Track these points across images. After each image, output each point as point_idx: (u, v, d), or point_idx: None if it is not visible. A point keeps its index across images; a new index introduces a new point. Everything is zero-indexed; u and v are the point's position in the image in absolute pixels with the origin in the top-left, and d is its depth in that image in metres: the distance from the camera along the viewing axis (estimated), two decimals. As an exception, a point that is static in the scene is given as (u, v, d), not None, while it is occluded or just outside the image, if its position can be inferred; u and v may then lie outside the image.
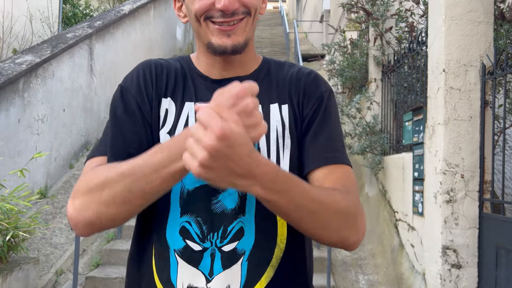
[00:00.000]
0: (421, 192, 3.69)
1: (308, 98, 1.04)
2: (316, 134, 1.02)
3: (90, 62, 7.16)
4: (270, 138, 1.00)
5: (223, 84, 0.91)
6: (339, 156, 1.02)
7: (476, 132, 3.29)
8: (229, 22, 0.96)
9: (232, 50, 0.97)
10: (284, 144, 1.01)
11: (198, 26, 0.98)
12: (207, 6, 0.95)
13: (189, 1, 0.99)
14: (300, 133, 1.03)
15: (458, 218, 3.24)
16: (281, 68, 1.09)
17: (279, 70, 1.09)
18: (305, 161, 1.01)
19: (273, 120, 1.02)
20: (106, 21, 7.81)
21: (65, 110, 6.31)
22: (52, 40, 6.55)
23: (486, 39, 3.39)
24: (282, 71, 1.08)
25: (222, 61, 1.02)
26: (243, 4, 0.96)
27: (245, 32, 0.99)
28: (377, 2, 5.44)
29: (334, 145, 1.02)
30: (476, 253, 3.21)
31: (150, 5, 10.31)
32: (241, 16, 0.97)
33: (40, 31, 9.58)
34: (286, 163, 0.99)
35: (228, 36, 0.96)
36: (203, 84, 1.05)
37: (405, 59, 4.61)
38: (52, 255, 4.63)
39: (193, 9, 0.97)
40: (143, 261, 1.03)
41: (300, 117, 1.04)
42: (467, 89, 3.34)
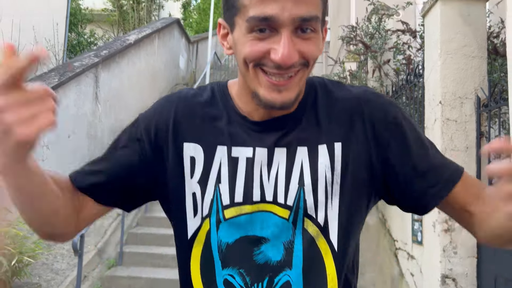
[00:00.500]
0: (420, 221, 3.75)
1: (378, 127, 0.89)
2: (420, 160, 0.89)
3: (95, 90, 7.32)
4: (318, 187, 0.87)
5: (264, 127, 0.87)
6: (455, 167, 0.92)
7: (472, 162, 3.37)
8: (283, 75, 0.81)
9: (280, 106, 0.83)
10: (333, 192, 0.88)
11: (245, 70, 0.84)
12: (260, 54, 0.81)
13: (238, 37, 0.83)
14: (378, 171, 0.89)
15: (457, 247, 3.29)
16: (330, 94, 0.92)
17: (328, 97, 0.91)
18: (425, 196, 0.90)
19: (321, 165, 0.88)
20: (112, 50, 8.01)
21: (70, 136, 6.42)
22: (59, 68, 6.72)
23: (480, 73, 3.52)
24: (331, 98, 0.91)
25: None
26: (303, 55, 0.80)
27: (299, 87, 0.84)
28: (375, 36, 5.62)
29: (444, 161, 0.92)
30: (475, 282, 3.24)
31: (155, 35, 10.56)
32: (297, 68, 0.82)
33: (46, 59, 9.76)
34: (335, 213, 0.88)
35: (279, 92, 0.82)
36: (241, 125, 0.90)
37: (402, 90, 4.73)
38: (53, 281, 4.65)
39: (243, 52, 0.83)
40: None
41: (372, 152, 0.89)
42: (463, 121, 3.44)
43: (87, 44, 11.78)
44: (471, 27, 3.56)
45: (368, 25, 5.80)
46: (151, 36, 10.20)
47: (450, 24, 3.53)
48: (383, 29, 5.64)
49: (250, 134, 0.88)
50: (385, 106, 0.90)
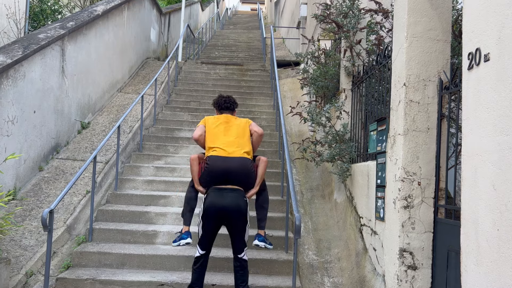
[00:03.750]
0: (383, 198, 4.09)
1: None
2: None
3: (62, 63, 7.38)
4: None
5: None
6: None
7: (432, 143, 3.70)
8: None
9: None
10: None
11: None
12: None
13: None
14: None
15: (415, 223, 3.64)
16: None
17: None
18: None
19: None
20: (78, 21, 8.04)
21: (36, 111, 6.52)
22: (23, 40, 6.75)
23: (443, 56, 3.81)
24: None
25: None
26: None
27: None
28: (349, 14, 5.86)
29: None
30: (430, 255, 3.61)
31: (124, 6, 10.55)
32: None
33: (6, 28, 9.66)
34: None
35: None
36: None
37: (372, 71, 5.02)
38: (22, 257, 4.85)
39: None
40: None
41: None
42: (426, 103, 3.75)
43: (51, 12, 11.58)
44: (437, 11, 3.84)
45: (342, 3, 6.03)
46: (120, 6, 10.20)
47: (417, 7, 3.79)
48: (357, 8, 5.88)
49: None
50: None
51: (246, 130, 4.52)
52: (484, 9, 2.59)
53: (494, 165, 2.44)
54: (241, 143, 4.39)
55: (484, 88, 2.56)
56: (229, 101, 4.70)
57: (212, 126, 4.49)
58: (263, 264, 5.11)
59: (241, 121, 4.59)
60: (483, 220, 2.51)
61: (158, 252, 5.21)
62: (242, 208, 4.18)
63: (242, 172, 4.25)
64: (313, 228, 5.93)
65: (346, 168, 5.34)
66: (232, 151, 4.30)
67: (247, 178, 4.31)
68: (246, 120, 4.64)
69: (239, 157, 4.29)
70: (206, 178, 4.30)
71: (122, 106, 9.22)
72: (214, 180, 4.26)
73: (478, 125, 2.61)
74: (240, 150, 4.33)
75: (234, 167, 4.22)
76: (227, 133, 4.44)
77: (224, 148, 4.30)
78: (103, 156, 7.18)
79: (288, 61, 12.49)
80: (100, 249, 5.19)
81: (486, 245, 2.48)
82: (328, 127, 5.69)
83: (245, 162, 4.28)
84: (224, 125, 4.50)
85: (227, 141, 4.36)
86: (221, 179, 4.24)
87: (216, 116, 4.64)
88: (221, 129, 4.46)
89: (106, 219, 5.96)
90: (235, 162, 4.24)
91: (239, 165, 4.25)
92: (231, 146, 4.33)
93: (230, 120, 4.57)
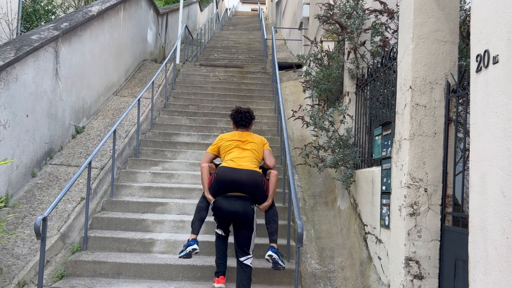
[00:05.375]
0: (388, 205, 4.09)
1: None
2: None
3: (55, 66, 7.41)
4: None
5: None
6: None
7: (439, 148, 3.71)
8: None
9: None
10: None
11: None
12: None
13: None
14: None
15: (421, 231, 3.64)
16: None
17: None
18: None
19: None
20: (73, 22, 8.07)
21: (29, 115, 6.54)
22: (15, 41, 6.77)
23: (451, 58, 3.83)
24: None
25: None
26: None
27: None
28: (353, 15, 5.88)
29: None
30: (437, 265, 3.61)
31: (120, 6, 10.59)
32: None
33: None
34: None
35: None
36: None
37: (377, 73, 5.03)
38: (14, 266, 4.85)
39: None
40: None
41: None
42: (432, 106, 3.76)
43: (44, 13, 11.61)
44: (444, 11, 3.85)
45: (345, 3, 6.05)
46: (116, 7, 10.24)
47: (424, 8, 3.80)
48: (361, 8, 5.91)
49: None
50: None
51: (259, 153, 4.92)
52: (493, 9, 2.61)
53: (503, 170, 2.45)
54: (253, 159, 4.78)
55: (493, 91, 2.58)
56: (245, 118, 5.06)
57: (227, 143, 4.92)
58: (263, 274, 5.10)
59: (255, 141, 4.95)
60: (492, 227, 2.52)
61: (155, 261, 5.21)
62: (248, 212, 4.52)
63: (251, 183, 4.58)
64: (316, 236, 5.93)
65: (350, 174, 5.34)
66: (243, 164, 4.67)
67: (256, 190, 4.62)
68: (262, 141, 5.04)
69: (249, 169, 4.64)
70: (215, 188, 4.64)
71: (118, 109, 9.24)
72: (222, 189, 4.60)
73: (486, 129, 2.62)
74: (251, 164, 4.71)
75: (243, 179, 4.57)
76: (240, 150, 4.83)
77: (236, 161, 4.69)
78: (98, 162, 7.19)
79: (290, 63, 12.52)
80: (95, 258, 5.19)
81: (495, 254, 2.49)
82: (331, 132, 5.70)
83: (255, 175, 4.63)
84: (238, 142, 4.90)
85: (240, 157, 4.75)
86: (230, 188, 4.57)
87: (232, 133, 5.05)
88: (234, 146, 4.88)
89: (101, 227, 5.96)
90: (244, 174, 4.59)
91: (248, 177, 4.59)
92: (243, 160, 4.71)
93: (245, 138, 4.95)
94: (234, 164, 4.66)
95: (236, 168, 4.62)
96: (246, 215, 4.51)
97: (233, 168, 4.62)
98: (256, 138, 4.98)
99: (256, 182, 4.60)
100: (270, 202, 4.75)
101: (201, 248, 5.53)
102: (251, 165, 4.70)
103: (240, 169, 4.61)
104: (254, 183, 4.59)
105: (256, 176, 4.62)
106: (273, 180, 4.79)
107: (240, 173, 4.58)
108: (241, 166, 4.64)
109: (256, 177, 4.62)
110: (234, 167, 4.63)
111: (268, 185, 4.76)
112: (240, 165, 4.65)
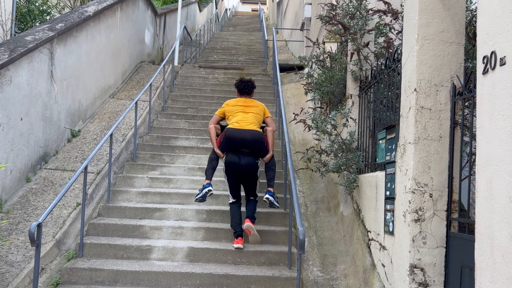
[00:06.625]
0: (392, 211, 4.09)
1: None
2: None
3: (50, 68, 7.43)
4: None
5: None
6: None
7: (445, 152, 3.71)
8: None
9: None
10: None
11: None
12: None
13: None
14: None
15: (426, 237, 3.64)
16: None
17: None
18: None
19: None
20: (68, 23, 8.10)
21: (23, 119, 6.55)
22: (9, 43, 6.80)
23: (457, 60, 3.83)
24: None
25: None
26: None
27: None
28: (356, 16, 5.90)
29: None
30: (443, 272, 3.61)
31: (117, 6, 10.63)
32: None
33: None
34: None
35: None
36: None
37: (381, 75, 5.05)
38: (8, 273, 4.86)
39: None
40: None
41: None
42: (438, 109, 3.77)
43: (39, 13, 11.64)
44: (449, 11, 3.86)
45: (348, 3, 6.07)
46: (112, 7, 10.28)
47: (429, 8, 3.80)
48: (364, 8, 5.93)
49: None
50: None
51: (261, 116, 6.04)
52: (500, 10, 2.61)
53: (511, 175, 2.45)
54: (255, 121, 5.88)
55: (500, 93, 2.58)
56: (247, 86, 6.22)
57: (232, 108, 6.01)
58: (264, 281, 5.11)
59: (257, 106, 6.07)
60: (499, 234, 2.52)
61: (153, 268, 5.22)
62: (253, 166, 5.69)
63: (254, 141, 5.72)
64: (318, 242, 5.93)
65: (353, 179, 5.35)
66: (246, 126, 5.79)
67: (258, 147, 5.77)
68: (263, 108, 6.15)
69: (252, 129, 5.79)
70: (224, 145, 5.79)
71: (114, 113, 9.26)
72: (231, 146, 5.73)
73: (493, 133, 2.63)
74: (253, 126, 5.83)
75: (248, 138, 5.70)
76: (244, 114, 5.92)
77: (240, 123, 5.80)
78: (95, 166, 7.20)
79: (291, 65, 12.55)
80: (91, 265, 5.19)
81: (502, 261, 2.49)
82: (333, 135, 5.71)
83: (257, 134, 5.79)
84: (242, 107, 6.00)
85: (243, 119, 5.84)
86: (237, 146, 5.70)
87: (237, 99, 6.16)
88: (239, 110, 5.96)
89: (97, 233, 5.97)
90: (248, 134, 5.73)
91: (252, 136, 5.73)
92: (246, 122, 5.82)
93: (248, 103, 6.06)
94: (240, 125, 5.77)
95: (242, 129, 5.74)
96: (252, 167, 5.66)
97: (239, 129, 5.74)
98: (257, 104, 6.09)
99: (259, 140, 5.74)
100: (271, 153, 5.92)
101: (201, 255, 5.55)
102: (254, 126, 5.83)
103: (245, 130, 5.73)
104: (257, 141, 5.72)
105: (258, 136, 5.76)
106: (270, 135, 5.96)
107: (245, 133, 5.71)
108: (246, 127, 5.76)
109: (258, 136, 5.77)
110: (239, 128, 5.74)
111: (267, 141, 5.90)
112: (244, 126, 5.76)
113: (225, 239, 5.94)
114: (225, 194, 6.76)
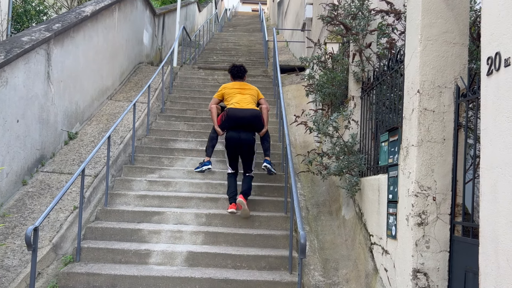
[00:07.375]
0: (395, 214, 4.10)
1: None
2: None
3: (47, 69, 7.44)
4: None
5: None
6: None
7: (449, 155, 3.71)
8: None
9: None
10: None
11: None
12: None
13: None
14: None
15: (430, 241, 3.64)
16: None
17: None
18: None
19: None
20: (65, 23, 8.11)
21: (19, 121, 6.55)
22: (5, 43, 6.81)
23: (460, 61, 3.83)
24: None
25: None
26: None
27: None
28: (358, 16, 5.91)
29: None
30: (446, 277, 3.61)
31: (115, 7, 10.64)
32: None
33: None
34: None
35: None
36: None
37: (384, 76, 5.05)
38: (4, 278, 4.86)
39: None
40: None
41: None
42: (441, 111, 3.77)
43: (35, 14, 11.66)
44: (453, 12, 3.86)
45: (350, 3, 6.08)
46: (110, 7, 10.29)
47: (432, 8, 3.80)
48: (366, 8, 5.93)
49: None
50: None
51: (255, 97, 6.95)
52: (504, 10, 2.62)
53: (515, 178, 2.45)
54: (252, 101, 6.78)
55: (504, 95, 2.59)
56: (240, 71, 7.14)
57: (230, 91, 6.91)
58: (265, 286, 5.10)
59: (252, 89, 7.00)
60: (504, 238, 2.52)
61: (151, 273, 5.22)
62: (251, 140, 6.54)
63: (253, 119, 6.61)
64: (319, 247, 5.93)
65: (355, 182, 5.35)
66: (246, 105, 6.64)
67: (257, 123, 6.68)
68: (257, 90, 7.09)
69: (251, 108, 6.66)
70: (225, 124, 6.63)
71: (112, 114, 9.27)
72: (231, 124, 6.55)
73: (498, 135, 2.63)
74: (251, 105, 6.71)
75: (247, 116, 6.56)
76: (241, 95, 6.78)
77: (240, 103, 6.65)
78: (92, 169, 7.20)
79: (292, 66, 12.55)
80: (89, 270, 5.19)
81: (506, 266, 2.49)
82: (335, 138, 5.71)
83: (256, 111, 6.70)
84: (239, 89, 6.90)
85: (242, 100, 6.70)
86: (237, 123, 6.52)
87: (233, 83, 7.06)
88: (236, 92, 6.84)
89: (95, 237, 5.97)
90: (248, 113, 6.59)
91: (251, 114, 6.60)
92: (245, 102, 6.69)
93: (243, 86, 6.97)
94: (240, 105, 6.61)
95: (242, 108, 6.59)
96: (250, 142, 6.51)
97: (239, 108, 6.58)
98: (251, 87, 7.03)
99: (257, 117, 6.66)
100: (266, 128, 6.93)
101: (200, 260, 5.55)
102: (252, 105, 6.71)
103: (244, 109, 6.59)
104: (255, 118, 6.63)
105: (257, 113, 6.68)
106: (265, 112, 6.92)
107: (245, 112, 6.56)
108: (245, 107, 6.61)
109: (257, 113, 6.69)
110: (239, 107, 6.58)
111: (263, 117, 6.79)
112: (244, 106, 6.62)
113: (225, 243, 5.94)
114: (224, 197, 6.76)
